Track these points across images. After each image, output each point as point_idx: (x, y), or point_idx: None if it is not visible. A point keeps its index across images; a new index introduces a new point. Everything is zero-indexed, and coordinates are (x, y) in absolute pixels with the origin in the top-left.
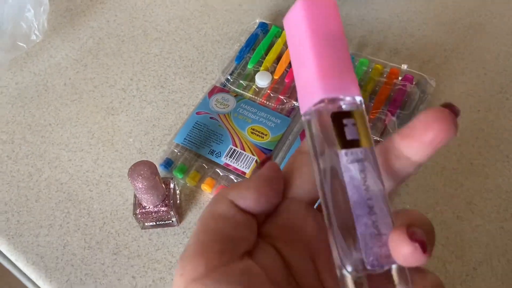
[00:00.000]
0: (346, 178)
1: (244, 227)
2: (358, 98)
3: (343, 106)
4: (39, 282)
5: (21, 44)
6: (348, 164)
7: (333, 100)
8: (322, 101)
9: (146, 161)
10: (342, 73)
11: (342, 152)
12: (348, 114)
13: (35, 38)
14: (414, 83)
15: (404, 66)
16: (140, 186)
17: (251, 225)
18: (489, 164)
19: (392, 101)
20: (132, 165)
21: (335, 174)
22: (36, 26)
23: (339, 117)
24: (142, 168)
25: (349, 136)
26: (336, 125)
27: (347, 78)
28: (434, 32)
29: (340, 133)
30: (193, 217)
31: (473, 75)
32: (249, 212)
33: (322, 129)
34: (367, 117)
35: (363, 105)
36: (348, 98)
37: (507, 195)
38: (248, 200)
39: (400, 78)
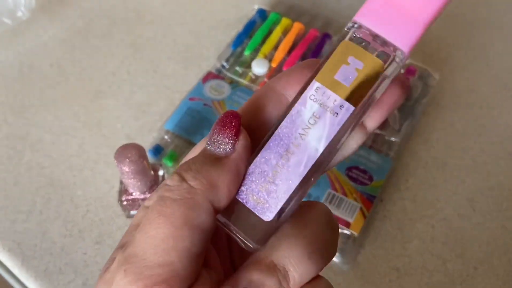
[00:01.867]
0: (293, 110)
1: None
2: (399, 54)
3: (369, 48)
4: (14, 270)
5: (6, 20)
6: (309, 99)
7: (367, 35)
8: (354, 23)
9: (135, 144)
10: (404, 19)
11: (315, 84)
12: (363, 55)
13: (21, 15)
14: (416, 76)
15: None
16: (127, 170)
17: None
18: (491, 161)
19: None
20: (119, 147)
21: (294, 100)
22: (23, 2)
23: (349, 50)
24: (130, 151)
25: (339, 76)
26: (336, 57)
27: (406, 27)
28: (438, 25)
29: (332, 66)
30: None
31: (476, 71)
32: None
33: (330, 51)
34: (390, 78)
35: (394, 65)
36: (386, 44)
37: (509, 193)
38: (223, 203)
39: (402, 70)
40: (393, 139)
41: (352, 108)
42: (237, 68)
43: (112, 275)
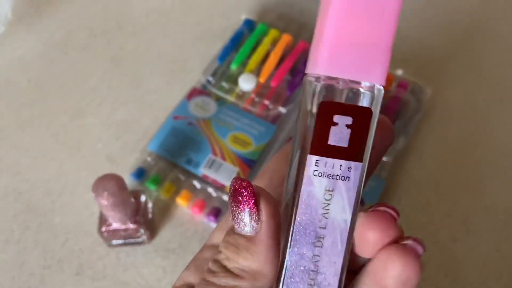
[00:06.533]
0: (303, 193)
1: None
2: (378, 90)
3: (349, 95)
4: None
5: None
6: (314, 176)
7: (337, 83)
8: (318, 77)
9: (113, 174)
10: (367, 50)
11: (313, 158)
12: (348, 109)
13: None
14: (408, 90)
15: (399, 72)
16: (106, 203)
17: None
18: (486, 180)
19: (385, 110)
20: (97, 179)
21: (297, 180)
22: None
23: (331, 110)
24: (108, 183)
25: (333, 140)
26: (321, 120)
27: (373, 58)
28: (431, 35)
29: (321, 133)
30: (166, 233)
31: (471, 83)
32: None
33: (304, 116)
34: (376, 118)
35: (380, 101)
36: (364, 84)
37: (505, 214)
38: (271, 284)
39: (394, 84)
40: (385, 159)
41: (359, 164)
42: (223, 84)
43: None
